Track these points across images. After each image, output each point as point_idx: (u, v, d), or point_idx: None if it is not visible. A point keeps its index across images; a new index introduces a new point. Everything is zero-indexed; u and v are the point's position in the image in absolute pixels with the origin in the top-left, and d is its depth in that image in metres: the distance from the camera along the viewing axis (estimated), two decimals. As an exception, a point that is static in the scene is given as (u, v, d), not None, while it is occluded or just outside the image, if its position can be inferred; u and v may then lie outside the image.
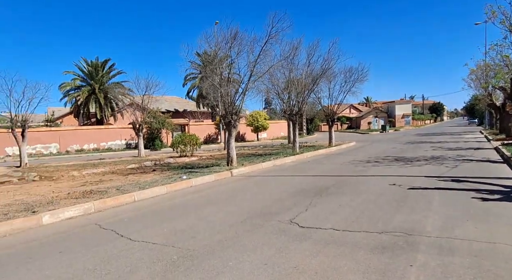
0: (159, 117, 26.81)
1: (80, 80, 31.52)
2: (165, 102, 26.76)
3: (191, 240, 4.05)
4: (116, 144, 27.81)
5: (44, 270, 3.36)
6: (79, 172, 11.25)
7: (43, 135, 24.24)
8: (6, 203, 6.53)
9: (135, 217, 5.50)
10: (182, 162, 14.57)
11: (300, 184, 7.99)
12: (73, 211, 5.73)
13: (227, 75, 11.25)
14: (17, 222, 5.03)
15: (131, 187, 7.81)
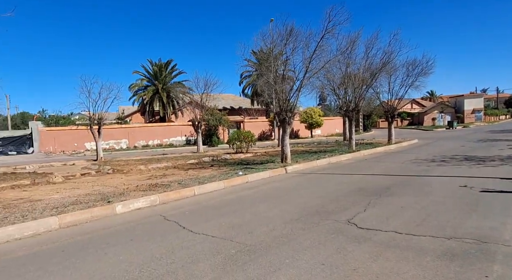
0: (216, 115, 27.82)
1: (146, 80, 34.09)
2: (221, 99, 27.74)
3: (248, 235, 4.16)
4: (177, 140, 29.54)
5: (118, 255, 3.72)
6: (145, 166, 12.20)
7: (115, 132, 26.75)
8: (86, 192, 7.35)
9: (196, 210, 5.80)
10: (238, 158, 14.95)
11: (357, 183, 7.71)
12: (141, 203, 6.23)
13: (282, 72, 11.25)
14: (96, 210, 5.62)
15: (191, 182, 8.24)
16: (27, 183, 8.96)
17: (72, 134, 25.47)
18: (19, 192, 7.87)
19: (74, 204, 6.02)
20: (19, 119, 44.61)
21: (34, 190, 8.07)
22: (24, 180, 9.25)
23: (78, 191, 7.65)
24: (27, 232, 4.69)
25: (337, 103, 18.02)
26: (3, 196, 7.36)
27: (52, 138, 24.91)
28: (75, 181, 9.43)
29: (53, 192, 7.67)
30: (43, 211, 5.54)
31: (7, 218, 5.19)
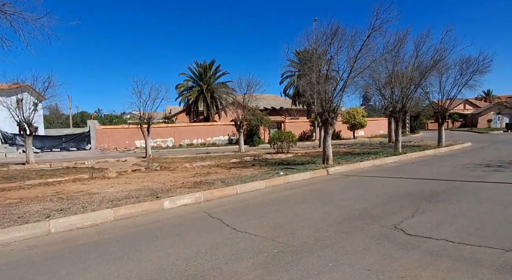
0: (257, 115, 28.08)
1: (191, 81, 35.44)
2: (263, 100, 27.95)
3: (290, 236, 4.18)
4: (219, 139, 30.30)
5: (167, 249, 3.94)
6: (190, 164, 12.70)
7: (162, 131, 28.14)
8: (137, 188, 7.86)
9: (238, 208, 5.94)
10: (279, 158, 14.99)
11: (404, 187, 7.37)
12: (187, 199, 6.51)
13: (325, 72, 11.08)
14: (145, 205, 5.99)
15: (234, 180, 8.43)
16: (86, 177, 9.79)
17: (124, 132, 27.26)
18: (79, 185, 8.63)
19: (127, 198, 6.46)
20: (79, 118, 48.73)
21: (92, 183, 8.80)
22: (83, 174, 10.12)
23: (129, 186, 8.19)
24: (87, 222, 5.13)
25: (382, 103, 17.32)
26: (67, 188, 8.12)
27: (107, 136, 26.86)
28: (127, 177, 10.11)
29: (108, 186, 8.30)
30: (100, 204, 6.02)
31: (70, 208, 5.71)
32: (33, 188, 8.22)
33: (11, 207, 5.97)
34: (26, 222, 4.93)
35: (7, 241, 4.33)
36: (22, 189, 8.09)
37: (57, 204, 6.11)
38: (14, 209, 5.80)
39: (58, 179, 9.24)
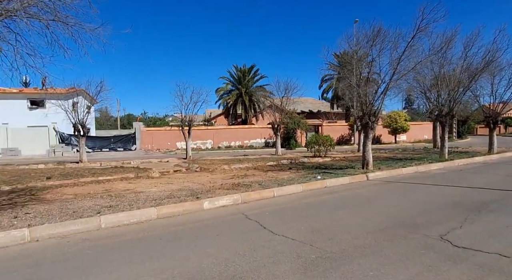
0: (294, 118, 27.95)
1: (231, 85, 36.30)
2: (300, 103, 27.86)
3: (328, 242, 4.13)
4: (256, 142, 30.55)
5: (206, 248, 4.07)
6: (228, 166, 12.97)
7: (201, 133, 28.99)
8: (178, 188, 8.19)
9: (275, 211, 5.97)
10: (316, 162, 14.81)
11: (451, 195, 6.95)
12: (225, 200, 6.67)
13: (366, 74, 10.79)
14: (186, 205, 6.23)
15: (271, 183, 8.48)
16: (132, 176, 10.39)
17: (166, 134, 28.46)
18: (126, 183, 9.18)
19: (169, 198, 6.76)
20: (126, 120, 51.78)
21: (137, 182, 9.33)
22: (129, 173, 10.75)
23: (171, 186, 8.56)
24: (133, 219, 5.45)
25: (427, 106, 16.44)
26: (115, 186, 8.68)
27: (150, 137, 28.22)
28: (169, 177, 10.57)
29: (151, 185, 8.74)
30: (144, 202, 6.37)
31: (118, 205, 6.11)
32: (86, 185, 8.89)
33: (67, 202, 6.52)
34: (80, 216, 5.36)
35: (64, 234, 4.74)
36: (76, 186, 8.79)
37: (106, 201, 6.56)
38: (70, 204, 6.32)
39: (107, 178, 9.90)
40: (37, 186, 8.63)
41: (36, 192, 7.80)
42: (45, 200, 6.89)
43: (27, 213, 5.67)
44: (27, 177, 10.07)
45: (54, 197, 7.24)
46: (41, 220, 5.19)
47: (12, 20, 4.56)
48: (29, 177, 10.02)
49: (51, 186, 8.72)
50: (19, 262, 3.76)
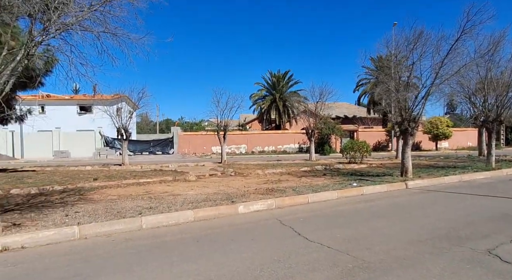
0: (329, 123, 27.57)
1: (265, 90, 36.64)
2: (335, 108, 27.34)
3: (366, 251, 4.04)
4: (290, 147, 30.45)
5: (241, 252, 4.13)
6: (262, 171, 13.05)
7: (236, 137, 29.45)
8: (214, 191, 8.39)
9: (310, 218, 5.93)
10: (351, 168, 14.49)
11: (499, 207, 6.48)
12: (259, 205, 6.73)
13: (406, 79, 10.41)
14: (222, 208, 6.37)
15: (305, 189, 8.43)
16: (170, 179, 10.81)
17: (202, 139, 29.27)
18: (164, 186, 9.57)
19: (205, 201, 6.95)
20: (164, 124, 53.95)
21: (175, 185, 9.68)
22: (167, 176, 11.19)
23: (207, 189, 8.79)
24: (171, 221, 5.67)
25: (472, 112, 15.48)
26: (154, 188, 9.08)
27: (187, 141, 29.17)
28: (205, 181, 10.86)
29: (188, 188, 9.03)
30: (182, 205, 6.61)
31: (158, 207, 6.39)
32: (128, 187, 9.38)
33: (111, 203, 6.93)
34: (123, 217, 5.68)
35: (109, 232, 5.04)
36: (120, 187, 9.31)
37: (147, 203, 6.89)
38: (114, 205, 6.72)
39: (147, 180, 10.38)
40: (85, 186, 9.26)
41: (84, 192, 8.37)
42: (92, 200, 7.38)
43: (76, 211, 6.10)
44: (76, 178, 10.83)
45: (100, 197, 7.73)
46: (89, 219, 5.57)
47: (68, 33, 4.99)
48: (78, 178, 10.77)
49: (97, 187, 9.31)
50: (71, 257, 4.07)
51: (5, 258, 4.02)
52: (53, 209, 6.37)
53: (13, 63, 4.58)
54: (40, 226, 5.07)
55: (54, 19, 4.53)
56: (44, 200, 7.40)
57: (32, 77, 7.19)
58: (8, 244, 4.33)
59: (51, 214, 5.93)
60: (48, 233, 4.70)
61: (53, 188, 8.92)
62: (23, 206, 6.65)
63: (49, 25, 4.61)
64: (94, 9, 4.81)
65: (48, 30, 4.71)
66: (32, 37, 4.66)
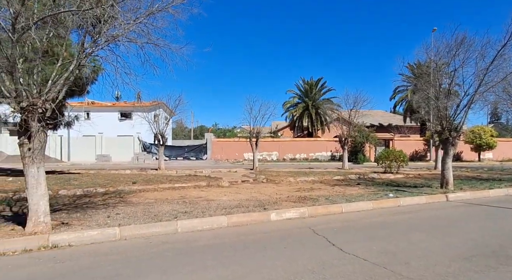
0: (363, 131, 26.91)
1: (297, 98, 36.61)
2: (369, 116, 26.61)
3: (404, 266, 3.88)
4: (322, 155, 30.00)
5: (275, 260, 4.13)
6: (294, 179, 12.98)
7: (268, 144, 29.55)
8: (246, 198, 8.47)
9: (344, 228, 5.81)
10: (387, 178, 14.01)
11: (557, 225, 5.95)
12: (292, 213, 6.69)
13: (446, 86, 9.95)
14: (254, 215, 6.41)
15: (338, 198, 8.28)
16: (203, 184, 11.06)
17: (234, 145, 29.68)
18: (198, 191, 9.81)
19: (238, 207, 7.04)
20: (198, 131, 55.43)
21: (208, 191, 9.90)
22: (201, 182, 11.46)
23: (239, 196, 8.89)
24: (205, 226, 5.80)
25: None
26: (189, 193, 9.35)
27: (220, 147, 29.72)
28: (237, 187, 11.00)
29: (222, 194, 9.19)
30: (216, 210, 6.74)
31: (192, 212, 6.57)
32: (164, 191, 9.73)
33: (149, 206, 7.23)
34: (160, 220, 5.90)
35: (147, 235, 5.26)
36: (156, 191, 9.68)
37: (182, 207, 7.10)
38: (151, 208, 7.00)
39: (182, 185, 10.70)
40: (124, 189, 9.72)
41: (124, 195, 8.80)
42: (131, 202, 7.74)
43: (117, 213, 6.43)
44: (116, 181, 11.40)
45: (138, 200, 8.08)
46: (128, 220, 5.85)
47: (115, 44, 5.35)
48: (118, 181, 11.33)
49: (135, 190, 9.75)
50: (112, 257, 4.29)
51: (55, 255, 4.33)
52: (96, 210, 6.76)
53: (66, 73, 4.98)
54: (85, 226, 5.40)
55: (103, 31, 4.88)
56: (88, 201, 7.87)
57: (80, 86, 7.74)
58: (57, 241, 4.66)
59: (94, 215, 6.29)
60: (92, 233, 5.00)
61: (96, 190, 9.46)
62: (69, 206, 7.12)
63: (99, 37, 4.97)
64: (139, 21, 5.13)
65: (97, 42, 5.08)
66: (83, 48, 5.05)
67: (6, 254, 4.30)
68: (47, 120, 4.93)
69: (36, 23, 4.38)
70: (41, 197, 5.04)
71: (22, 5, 4.10)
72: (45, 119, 4.86)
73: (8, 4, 4.12)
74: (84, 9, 4.35)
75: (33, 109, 4.67)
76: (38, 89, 4.77)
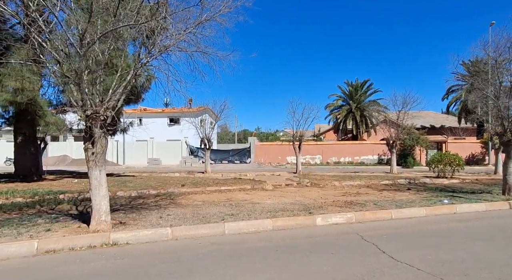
0: (413, 134, 25.51)
1: (341, 100, 35.79)
2: (420, 118, 25.01)
3: (464, 278, 3.63)
4: (368, 158, 28.93)
5: (321, 266, 4.08)
6: (339, 183, 12.68)
7: (311, 148, 29.20)
8: (291, 201, 8.46)
9: (394, 235, 5.57)
10: (440, 183, 13.16)
11: None
12: (338, 218, 6.56)
13: (508, 84, 9.13)
14: (299, 219, 6.39)
15: (388, 204, 7.96)
16: (248, 187, 11.25)
17: (277, 149, 29.75)
18: (243, 194, 9.99)
19: (283, 211, 7.07)
20: (242, 135, 56.47)
21: (253, 194, 10.04)
22: (246, 185, 11.66)
23: (284, 199, 8.90)
24: (251, 228, 5.90)
25: None
26: (234, 196, 9.56)
27: (263, 151, 29.96)
28: (282, 190, 11.02)
29: (266, 197, 9.27)
30: (261, 213, 6.83)
31: (238, 214, 6.72)
32: (211, 194, 10.05)
33: (197, 208, 7.52)
34: (208, 222, 6.12)
35: (196, 236, 5.48)
36: (204, 194, 10.04)
37: (228, 209, 7.29)
38: (200, 210, 7.28)
39: (228, 188, 10.98)
40: (174, 192, 10.21)
41: (174, 197, 9.24)
42: (180, 204, 8.11)
43: (168, 214, 6.78)
44: (167, 183, 12.01)
45: (187, 202, 8.44)
46: (178, 221, 6.14)
47: (167, 54, 5.71)
48: (168, 183, 11.93)
49: (184, 192, 10.19)
50: (165, 256, 4.54)
51: (115, 252, 4.69)
52: (149, 211, 7.19)
53: (124, 83, 5.40)
54: (140, 226, 5.78)
55: (157, 42, 5.23)
56: (142, 202, 8.39)
57: (136, 94, 8.35)
58: (117, 239, 5.05)
59: (148, 215, 6.70)
60: (147, 233, 5.33)
61: (149, 192, 10.05)
62: (126, 207, 7.66)
63: (153, 48, 5.34)
64: (189, 31, 5.43)
65: (151, 53, 5.46)
66: (139, 59, 5.45)
67: (75, 249, 4.75)
68: (107, 127, 5.37)
69: (99, 38, 4.82)
70: (102, 198, 5.50)
71: (88, 22, 4.55)
72: (106, 125, 5.31)
73: (77, 23, 4.60)
74: (140, 23, 4.72)
75: (96, 117, 5.12)
76: (101, 98, 5.23)
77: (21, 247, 4.59)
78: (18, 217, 6.49)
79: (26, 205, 7.71)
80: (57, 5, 4.87)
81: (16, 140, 12.78)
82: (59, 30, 5.15)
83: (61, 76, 5.28)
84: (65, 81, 5.45)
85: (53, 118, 10.45)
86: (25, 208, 7.46)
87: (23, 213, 6.87)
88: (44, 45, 4.95)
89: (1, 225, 5.78)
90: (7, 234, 5.22)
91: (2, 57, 7.01)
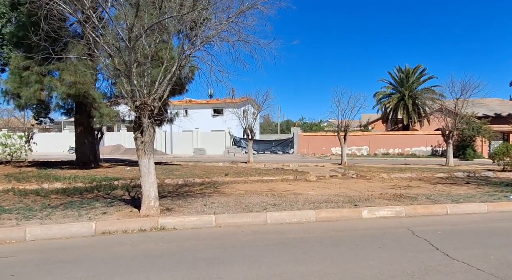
0: (473, 123, 23.38)
1: (391, 88, 33.76)
2: (482, 105, 22.64)
3: (533, 282, 3.24)
4: (420, 150, 27.21)
5: (368, 260, 3.89)
6: (388, 175, 12.06)
7: (357, 139, 28.14)
8: (335, 193, 8.22)
9: (450, 232, 5.14)
10: (506, 178, 11.95)
11: None
12: (386, 211, 6.23)
13: None
14: (344, 211, 6.17)
15: (442, 198, 7.41)
16: (291, 178, 11.15)
17: (321, 139, 29.09)
18: (286, 184, 9.93)
19: (326, 202, 6.88)
20: (285, 125, 56.20)
21: (295, 184, 9.93)
22: (289, 175, 11.56)
23: (328, 190, 8.68)
24: (294, 219, 5.83)
25: None
26: (277, 186, 9.54)
27: (307, 142, 29.50)
28: (325, 182, 10.76)
29: (309, 188, 9.11)
30: (304, 204, 6.72)
31: (281, 204, 6.68)
32: (253, 183, 10.13)
33: (240, 197, 7.61)
34: (251, 211, 6.16)
35: (239, 224, 5.55)
36: (246, 183, 10.14)
37: (270, 199, 7.28)
38: (242, 199, 7.36)
39: (270, 178, 10.97)
40: (218, 180, 10.46)
41: (218, 186, 9.46)
42: (224, 193, 8.27)
43: (212, 202, 6.95)
44: (211, 172, 12.34)
45: (230, 191, 8.59)
46: (222, 209, 6.26)
47: (209, 44, 5.76)
48: (212, 172, 12.25)
49: (227, 181, 10.39)
50: (209, 242, 4.66)
51: (163, 236, 4.92)
52: (194, 198, 7.43)
53: (169, 74, 5.56)
54: (186, 212, 5.99)
55: (199, 33, 5.29)
56: (188, 190, 8.71)
57: (180, 85, 8.59)
58: (164, 224, 5.28)
59: (193, 202, 6.92)
60: (193, 219, 5.51)
61: (194, 180, 10.40)
62: (173, 194, 7.99)
63: (196, 39, 5.41)
64: (230, 21, 5.41)
65: (194, 44, 5.54)
66: (183, 50, 5.56)
67: (127, 231, 5.07)
68: (155, 117, 5.59)
69: (145, 31, 4.99)
70: (151, 185, 5.77)
71: (136, 16, 4.72)
72: (153, 116, 5.52)
73: (125, 17, 4.79)
74: (182, 14, 4.78)
75: (145, 107, 5.35)
76: (148, 90, 5.44)
77: (81, 227, 5.01)
78: (79, 200, 7.08)
79: (86, 190, 8.40)
80: (108, 1, 5.12)
81: (76, 131, 13.98)
82: (111, 26, 5.42)
83: (113, 69, 5.58)
84: (116, 74, 5.75)
85: (107, 110, 11.18)
86: (85, 192, 8.12)
87: (83, 197, 7.48)
88: (98, 40, 5.25)
89: (65, 207, 6.37)
90: (70, 215, 5.73)
91: (62, 53, 7.58)
